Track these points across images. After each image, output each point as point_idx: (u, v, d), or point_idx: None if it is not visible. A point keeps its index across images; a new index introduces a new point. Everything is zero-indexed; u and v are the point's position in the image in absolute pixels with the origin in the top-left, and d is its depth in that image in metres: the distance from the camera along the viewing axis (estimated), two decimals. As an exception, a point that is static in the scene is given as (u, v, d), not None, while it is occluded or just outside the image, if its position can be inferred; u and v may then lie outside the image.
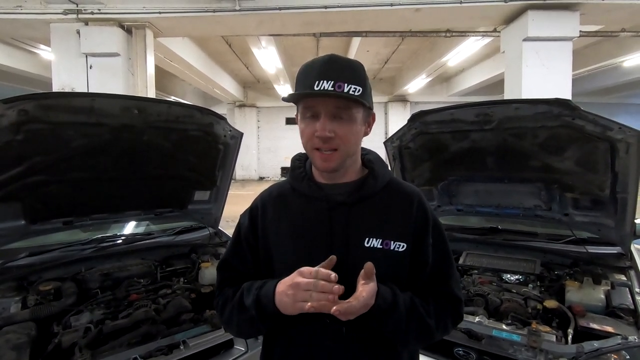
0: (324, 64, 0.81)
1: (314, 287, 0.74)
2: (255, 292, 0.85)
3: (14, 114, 1.53)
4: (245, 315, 0.86)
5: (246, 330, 0.93)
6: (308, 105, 0.83)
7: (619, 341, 1.39)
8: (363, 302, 0.74)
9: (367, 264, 0.76)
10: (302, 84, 0.83)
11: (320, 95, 0.79)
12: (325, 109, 0.81)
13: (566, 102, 1.77)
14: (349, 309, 0.72)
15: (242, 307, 0.87)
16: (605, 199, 1.99)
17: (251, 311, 0.84)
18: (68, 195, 1.96)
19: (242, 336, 1.24)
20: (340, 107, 0.81)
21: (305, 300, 0.74)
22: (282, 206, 0.95)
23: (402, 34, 8.48)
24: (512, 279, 2.10)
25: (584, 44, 9.78)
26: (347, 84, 0.79)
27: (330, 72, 0.79)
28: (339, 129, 0.81)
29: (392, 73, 15.83)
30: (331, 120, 0.81)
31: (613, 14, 6.19)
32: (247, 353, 1.56)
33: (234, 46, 11.38)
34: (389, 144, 2.47)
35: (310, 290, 0.74)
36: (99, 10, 6.05)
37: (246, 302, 0.86)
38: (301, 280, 0.76)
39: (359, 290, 0.75)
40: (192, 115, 2.03)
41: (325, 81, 0.78)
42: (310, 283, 0.74)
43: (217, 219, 2.63)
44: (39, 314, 1.57)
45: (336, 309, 0.70)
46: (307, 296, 0.74)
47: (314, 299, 0.73)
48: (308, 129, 0.83)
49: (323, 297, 0.73)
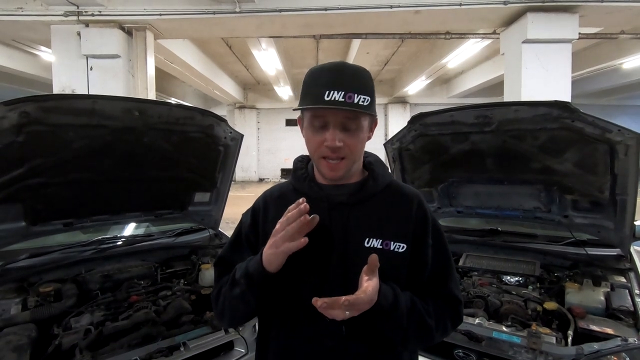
0: (335, 73, 0.81)
1: (287, 222, 0.78)
2: (245, 264, 0.87)
3: (15, 116, 1.54)
4: (235, 290, 0.86)
5: (238, 309, 0.90)
6: (317, 115, 0.84)
7: (618, 343, 1.40)
8: (369, 297, 0.74)
9: (372, 256, 0.76)
10: (311, 92, 0.83)
11: (332, 108, 0.80)
12: (335, 119, 0.82)
13: (565, 105, 1.78)
14: (357, 301, 0.72)
15: (233, 283, 0.88)
16: (605, 201, 1.99)
17: (241, 283, 0.85)
18: (69, 196, 1.96)
19: (234, 322, 1.15)
20: (350, 117, 0.82)
21: (285, 239, 0.78)
22: (283, 206, 0.94)
23: (401, 35, 8.50)
24: (512, 280, 2.10)
25: (583, 46, 9.81)
26: (357, 94, 0.79)
27: (340, 82, 0.80)
28: (348, 139, 0.83)
29: (392, 75, 15.86)
30: (340, 131, 0.82)
31: (612, 16, 6.20)
32: (247, 355, 1.56)
33: (234, 48, 11.40)
34: (389, 145, 2.47)
35: (285, 229, 0.78)
36: (99, 12, 6.06)
37: (237, 276, 0.87)
38: (276, 227, 0.80)
39: (365, 285, 0.75)
40: (192, 117, 2.03)
41: (335, 91, 0.78)
42: (282, 221, 0.79)
43: (217, 221, 2.63)
44: (39, 315, 1.57)
45: (345, 299, 0.70)
46: (284, 235, 0.78)
47: (289, 232, 0.77)
48: (316, 138, 0.84)
49: (296, 224, 0.77)
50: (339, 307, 0.70)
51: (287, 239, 0.78)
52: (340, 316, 0.72)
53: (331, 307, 0.70)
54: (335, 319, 0.72)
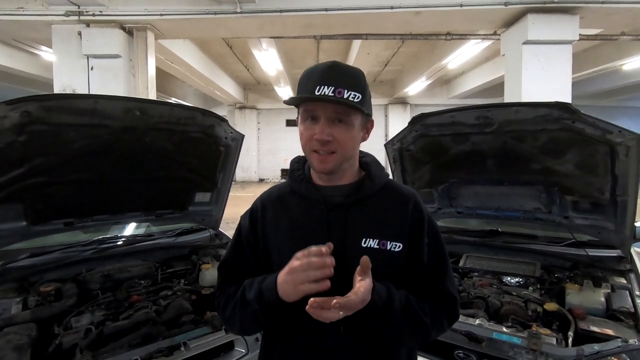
0: (326, 70, 0.83)
1: (308, 266, 0.76)
2: (258, 286, 0.86)
3: (17, 115, 1.54)
4: (247, 310, 0.87)
5: (248, 325, 0.93)
6: (308, 109, 0.86)
7: (619, 344, 1.39)
8: (361, 297, 0.75)
9: (364, 258, 0.77)
10: (303, 88, 0.85)
11: (320, 100, 0.81)
12: (325, 113, 0.83)
13: (566, 106, 1.78)
14: (348, 303, 0.73)
15: (244, 302, 0.88)
16: (605, 202, 1.99)
17: (254, 305, 0.85)
18: (69, 196, 1.96)
19: (243, 333, 1.23)
20: (339, 112, 0.83)
21: (304, 281, 0.76)
22: (281, 207, 0.97)
23: (402, 36, 8.50)
24: (512, 281, 2.10)
25: (584, 47, 9.82)
26: (347, 90, 0.81)
27: (331, 78, 0.82)
28: (337, 133, 0.84)
29: (392, 75, 15.87)
30: (330, 125, 0.84)
31: (613, 17, 6.21)
32: (248, 355, 1.56)
33: (235, 48, 11.41)
34: (390, 146, 2.48)
35: (307, 271, 0.76)
36: (100, 12, 6.07)
37: (248, 296, 0.87)
38: (296, 263, 0.78)
39: (357, 286, 0.76)
40: (193, 117, 2.03)
41: (325, 86, 0.81)
42: (304, 263, 0.76)
43: (217, 221, 2.63)
44: (39, 315, 1.57)
45: (336, 302, 0.70)
46: (305, 277, 0.76)
47: (310, 277, 0.75)
48: (307, 132, 0.86)
49: (320, 273, 0.75)
50: (330, 308, 0.70)
51: (309, 280, 0.76)
52: (335, 317, 0.72)
53: (322, 308, 0.70)
54: (329, 320, 0.73)
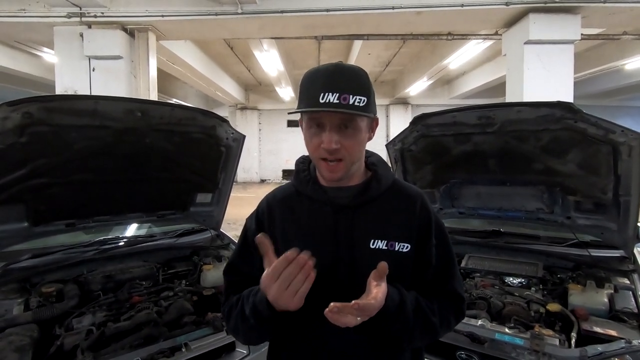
0: (330, 75, 0.81)
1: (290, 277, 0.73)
2: (252, 300, 0.84)
3: (19, 116, 1.54)
4: (247, 324, 0.86)
5: (253, 338, 0.93)
6: (313, 117, 0.84)
7: (622, 345, 1.39)
8: (380, 303, 0.74)
9: (382, 264, 0.75)
10: (307, 95, 0.83)
11: (326, 111, 0.79)
12: (331, 121, 0.81)
13: (568, 105, 1.77)
14: (367, 306, 0.71)
15: (243, 316, 0.87)
16: (608, 202, 1.98)
17: (250, 320, 0.84)
18: (71, 197, 1.96)
19: (251, 343, 1.24)
20: (346, 119, 0.82)
21: (296, 289, 0.73)
22: (287, 209, 0.96)
23: (403, 36, 8.49)
24: (515, 282, 2.09)
25: (586, 47, 9.78)
26: (352, 95, 0.79)
27: (336, 84, 0.79)
28: (345, 140, 0.82)
29: (393, 76, 15.85)
30: (337, 132, 0.82)
31: (615, 17, 6.18)
32: (249, 356, 1.55)
33: (236, 49, 11.41)
34: (391, 146, 2.47)
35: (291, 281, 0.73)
36: (102, 14, 6.08)
37: (246, 310, 0.86)
38: (268, 272, 0.75)
39: (374, 292, 0.74)
40: (194, 117, 2.04)
41: (330, 93, 0.78)
42: (284, 279, 0.73)
43: (219, 222, 2.63)
44: (41, 316, 1.57)
45: (355, 303, 0.69)
46: (288, 281, 0.73)
47: (299, 279, 0.73)
48: (314, 140, 0.84)
49: (302, 276, 0.73)
50: (350, 311, 0.69)
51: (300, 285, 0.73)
52: (353, 323, 0.71)
53: (342, 312, 0.69)
54: (346, 325, 0.72)
